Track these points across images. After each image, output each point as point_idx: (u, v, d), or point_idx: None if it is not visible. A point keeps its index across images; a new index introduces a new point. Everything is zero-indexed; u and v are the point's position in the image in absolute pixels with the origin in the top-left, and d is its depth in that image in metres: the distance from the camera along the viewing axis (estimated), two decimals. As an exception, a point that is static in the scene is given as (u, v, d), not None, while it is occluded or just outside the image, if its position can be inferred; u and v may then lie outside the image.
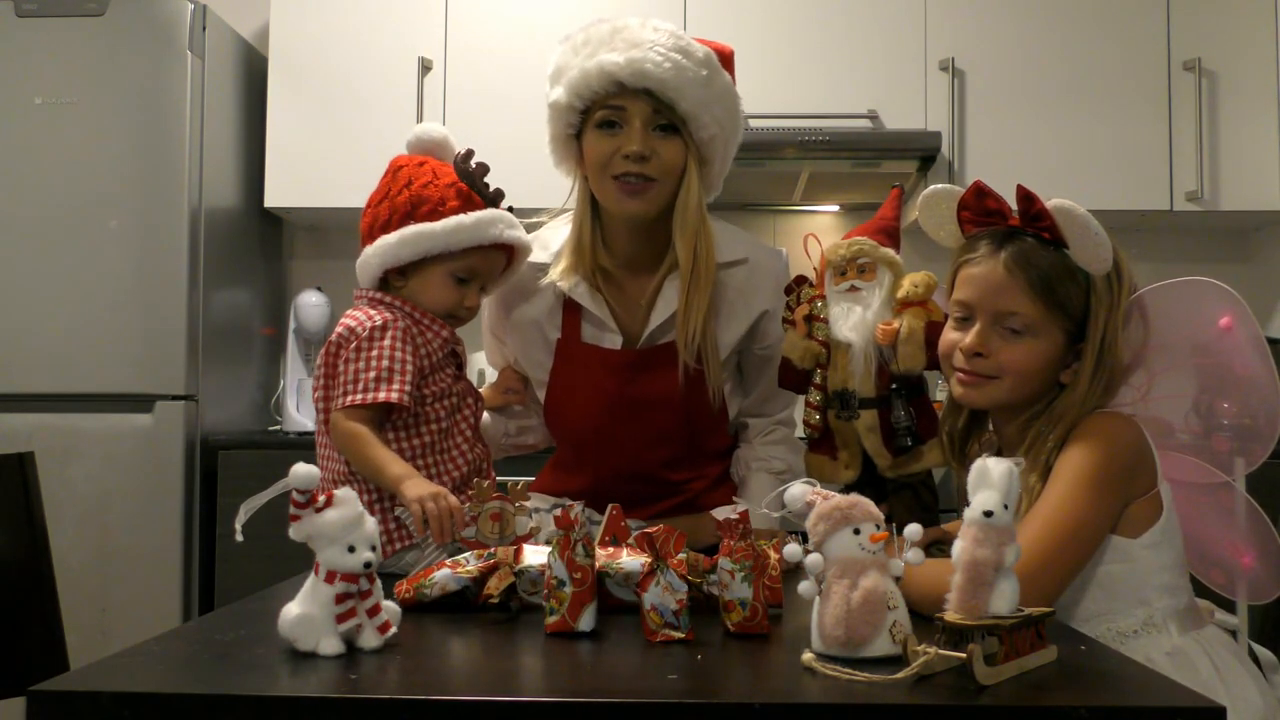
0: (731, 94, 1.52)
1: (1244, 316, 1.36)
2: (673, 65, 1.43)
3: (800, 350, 1.60)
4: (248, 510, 1.01)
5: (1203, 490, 1.44)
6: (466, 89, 3.12)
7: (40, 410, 2.75)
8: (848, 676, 0.88)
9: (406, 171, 1.51)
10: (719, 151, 1.54)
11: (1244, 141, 3.08)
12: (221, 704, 0.84)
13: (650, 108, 1.45)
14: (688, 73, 1.43)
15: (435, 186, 1.49)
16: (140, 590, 2.72)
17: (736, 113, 1.55)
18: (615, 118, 1.47)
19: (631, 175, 1.47)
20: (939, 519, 1.60)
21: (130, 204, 2.78)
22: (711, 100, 1.47)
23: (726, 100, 1.50)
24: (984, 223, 1.41)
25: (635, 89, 1.44)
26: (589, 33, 1.51)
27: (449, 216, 1.48)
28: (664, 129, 1.47)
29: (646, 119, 1.46)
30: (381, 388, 1.41)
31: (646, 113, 1.45)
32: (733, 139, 1.56)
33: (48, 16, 2.81)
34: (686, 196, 1.50)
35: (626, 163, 1.46)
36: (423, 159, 1.54)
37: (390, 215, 1.49)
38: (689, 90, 1.44)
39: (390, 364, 1.42)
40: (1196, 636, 1.31)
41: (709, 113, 1.47)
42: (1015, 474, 0.98)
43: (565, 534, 1.07)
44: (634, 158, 1.46)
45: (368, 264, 1.50)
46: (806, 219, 3.51)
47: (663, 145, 1.47)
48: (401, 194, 1.49)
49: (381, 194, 1.52)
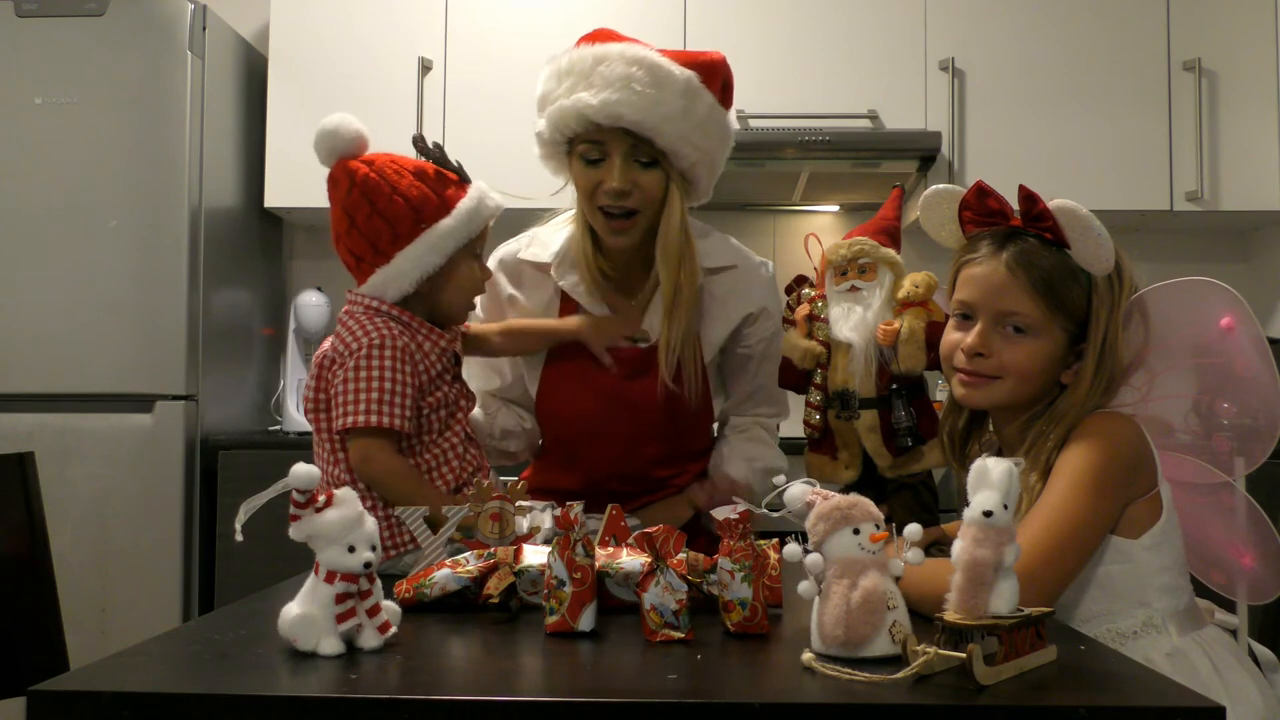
0: (714, 115, 1.52)
1: (1245, 317, 1.36)
2: (647, 104, 1.44)
3: (800, 350, 1.60)
4: (248, 510, 1.01)
5: (1203, 490, 1.44)
6: (466, 89, 3.12)
7: (40, 410, 2.75)
8: (848, 676, 0.88)
9: (372, 179, 1.45)
10: (705, 172, 1.56)
11: (1244, 141, 3.07)
12: (221, 704, 0.84)
13: (629, 143, 1.47)
14: (663, 108, 1.44)
15: (419, 183, 1.46)
16: (140, 590, 2.72)
17: (721, 131, 1.55)
18: (596, 153, 1.50)
19: (614, 209, 1.50)
20: (939, 519, 1.61)
21: (130, 204, 2.78)
22: (690, 130, 1.48)
23: (709, 124, 1.50)
24: (985, 223, 1.41)
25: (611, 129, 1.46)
26: (572, 59, 1.51)
27: (453, 207, 1.47)
28: (644, 163, 1.49)
29: (626, 153, 1.48)
30: (384, 411, 1.40)
31: (625, 148, 1.48)
32: (720, 155, 1.58)
33: (48, 16, 2.81)
34: (668, 224, 1.52)
35: (609, 197, 1.49)
36: (368, 159, 1.48)
37: (393, 227, 1.45)
38: (666, 126, 1.45)
39: (392, 385, 1.41)
40: (1196, 637, 1.31)
41: (688, 143, 1.48)
42: (1015, 474, 0.98)
43: (565, 534, 1.07)
44: (614, 194, 1.49)
45: (401, 279, 1.45)
46: (806, 219, 3.51)
47: (644, 177, 1.49)
48: (391, 203, 1.44)
49: (362, 210, 1.45)
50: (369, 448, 1.41)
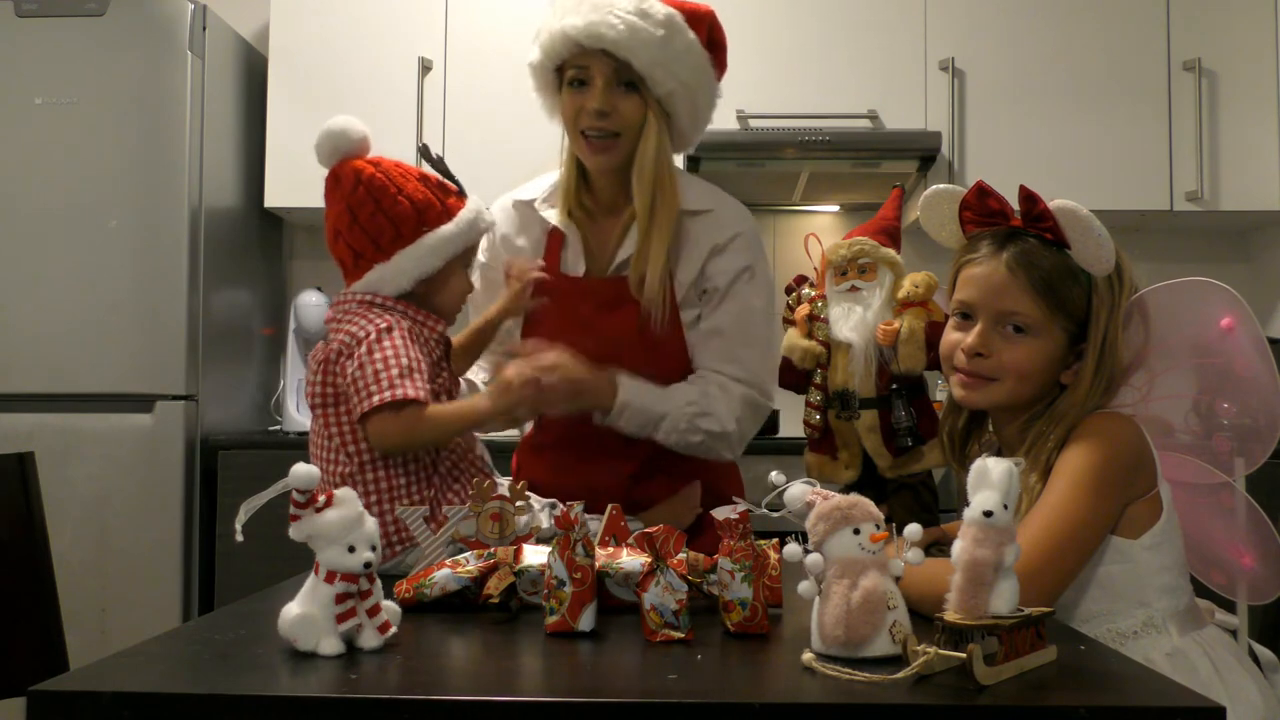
0: (694, 51, 1.58)
1: (1245, 317, 1.36)
2: (627, 26, 1.51)
3: (800, 350, 1.60)
4: (248, 510, 1.01)
5: (1203, 491, 1.44)
6: (466, 89, 3.11)
7: (40, 410, 2.75)
8: (848, 676, 0.88)
9: (379, 179, 1.49)
10: (683, 106, 1.59)
11: (1244, 141, 3.07)
12: (221, 704, 0.84)
13: (611, 66, 1.53)
14: (642, 33, 1.51)
15: (424, 188, 1.51)
16: (140, 590, 2.72)
17: (700, 68, 1.59)
18: (583, 76, 1.56)
19: (595, 130, 1.55)
20: (939, 519, 1.61)
21: (130, 204, 2.78)
22: (669, 58, 1.54)
23: (687, 57, 1.56)
24: (986, 223, 1.41)
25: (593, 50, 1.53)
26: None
27: (454, 215, 1.51)
28: (626, 85, 1.55)
29: (609, 77, 1.54)
30: (406, 383, 1.41)
31: (608, 71, 1.54)
32: (700, 94, 1.61)
33: (48, 16, 2.81)
34: (645, 148, 1.58)
35: (590, 118, 1.55)
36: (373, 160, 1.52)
37: (396, 227, 1.48)
38: (643, 50, 1.52)
39: (408, 361, 1.43)
40: (1196, 637, 1.31)
41: (664, 69, 1.54)
42: (1015, 474, 0.98)
43: (565, 534, 1.07)
44: (595, 114, 1.55)
45: (399, 277, 1.48)
46: (806, 219, 3.51)
47: (624, 101, 1.55)
48: (396, 203, 1.47)
49: (366, 207, 1.48)
50: (408, 419, 1.42)
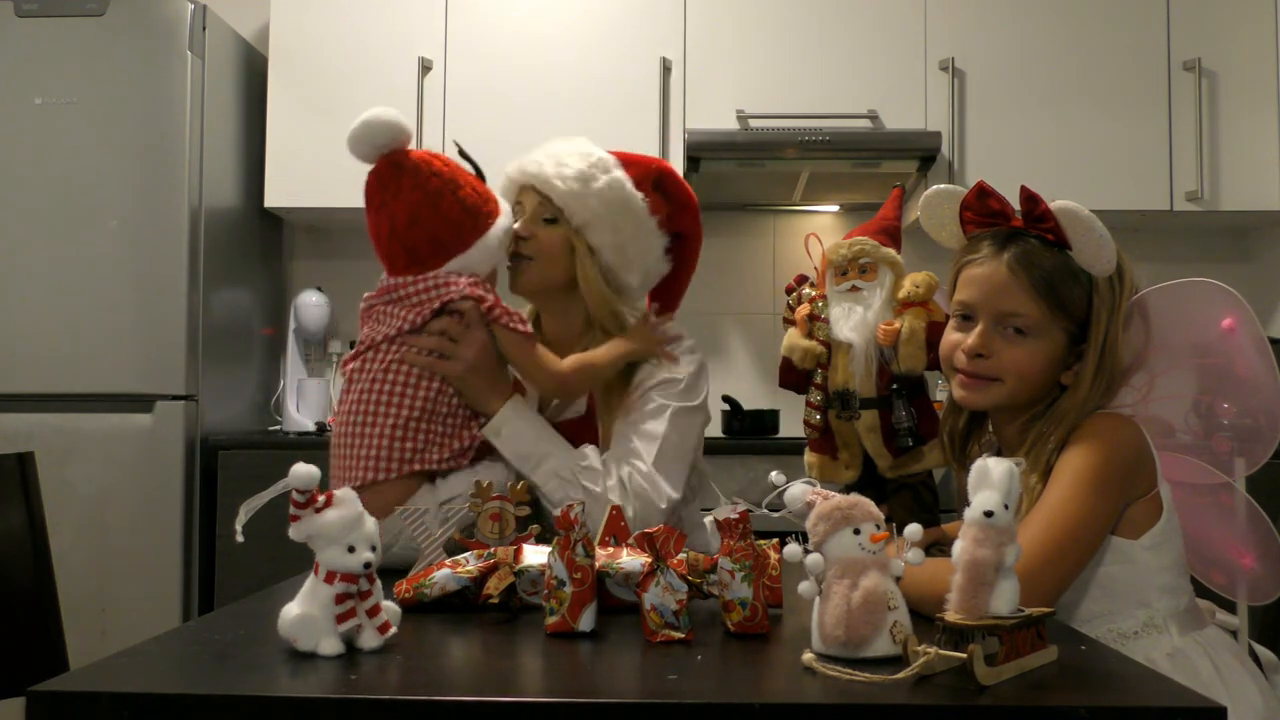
0: (616, 191, 1.64)
1: (1246, 317, 1.36)
2: (552, 164, 1.64)
3: (800, 350, 1.60)
4: (248, 510, 1.01)
5: (1203, 491, 1.44)
6: (466, 89, 3.12)
7: (40, 410, 2.75)
8: (848, 676, 0.88)
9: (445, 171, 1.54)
10: (605, 239, 1.64)
11: (1244, 141, 3.07)
12: (221, 704, 0.84)
13: (537, 200, 1.65)
14: (565, 170, 1.63)
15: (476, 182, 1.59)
16: (140, 590, 2.72)
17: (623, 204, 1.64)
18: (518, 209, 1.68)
19: (514, 254, 1.65)
20: (939, 519, 1.60)
21: (130, 204, 2.78)
22: (588, 194, 1.63)
23: (608, 195, 1.63)
24: (986, 223, 1.41)
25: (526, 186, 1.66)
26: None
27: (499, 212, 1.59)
28: (548, 220, 1.65)
29: (534, 209, 1.65)
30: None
31: (534, 204, 1.65)
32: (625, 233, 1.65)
33: (48, 16, 2.81)
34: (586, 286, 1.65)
35: (514, 243, 1.65)
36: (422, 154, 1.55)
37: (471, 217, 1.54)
38: (561, 184, 1.62)
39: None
40: (1197, 637, 1.31)
41: (580, 202, 1.63)
42: (1016, 474, 0.98)
43: (565, 534, 1.07)
44: (516, 238, 1.65)
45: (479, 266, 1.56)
46: (806, 219, 3.51)
47: (543, 231, 1.64)
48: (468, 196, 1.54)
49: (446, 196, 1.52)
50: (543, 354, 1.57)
